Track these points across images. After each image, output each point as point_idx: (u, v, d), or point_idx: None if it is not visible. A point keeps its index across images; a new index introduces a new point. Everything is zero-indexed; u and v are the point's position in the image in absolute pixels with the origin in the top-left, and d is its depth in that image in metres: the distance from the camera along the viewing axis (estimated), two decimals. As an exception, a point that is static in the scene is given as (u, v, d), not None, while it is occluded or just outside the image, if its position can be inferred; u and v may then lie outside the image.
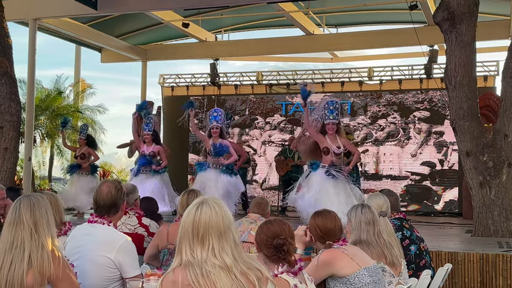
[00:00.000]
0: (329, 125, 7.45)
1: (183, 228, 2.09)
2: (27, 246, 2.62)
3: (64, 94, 16.06)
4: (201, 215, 2.06)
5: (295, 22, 12.52)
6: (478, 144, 7.52)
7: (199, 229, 2.05)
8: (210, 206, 2.09)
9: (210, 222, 2.05)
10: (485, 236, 7.38)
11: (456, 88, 7.57)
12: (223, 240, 2.05)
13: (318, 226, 3.33)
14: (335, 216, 3.40)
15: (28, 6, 11.19)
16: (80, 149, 10.42)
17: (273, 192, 12.75)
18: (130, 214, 4.86)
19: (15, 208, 2.70)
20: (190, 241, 2.05)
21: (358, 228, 3.58)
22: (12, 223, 2.67)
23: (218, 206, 2.11)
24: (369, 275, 3.19)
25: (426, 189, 12.25)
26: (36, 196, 2.79)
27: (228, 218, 2.10)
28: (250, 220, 4.77)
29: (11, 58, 9.34)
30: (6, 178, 9.07)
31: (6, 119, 9.16)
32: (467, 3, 7.53)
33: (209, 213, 2.07)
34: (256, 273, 2.08)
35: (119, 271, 3.16)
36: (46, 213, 2.72)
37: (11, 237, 2.65)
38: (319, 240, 3.35)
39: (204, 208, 2.08)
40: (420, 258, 4.39)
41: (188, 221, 2.07)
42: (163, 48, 15.12)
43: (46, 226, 2.69)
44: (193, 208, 2.10)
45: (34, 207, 2.69)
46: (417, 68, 12.68)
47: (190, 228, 2.06)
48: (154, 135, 9.49)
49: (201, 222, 2.05)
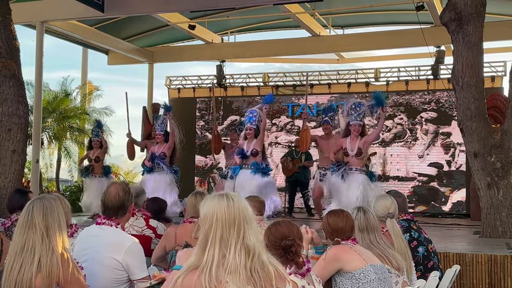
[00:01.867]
0: (353, 126, 7.51)
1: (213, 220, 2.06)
2: (37, 249, 2.63)
3: (71, 96, 16.11)
4: (234, 204, 2.08)
5: (301, 24, 12.52)
6: (486, 145, 7.49)
7: (236, 217, 2.06)
8: (232, 198, 2.11)
9: (242, 210, 2.08)
10: (493, 237, 7.35)
11: (464, 88, 7.55)
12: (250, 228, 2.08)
13: (329, 224, 3.43)
14: (347, 215, 3.47)
15: (36, 9, 11.24)
16: (94, 152, 10.16)
17: (280, 193, 12.72)
18: (137, 216, 4.87)
19: (28, 211, 2.71)
20: (224, 231, 2.03)
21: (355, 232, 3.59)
22: (24, 226, 2.68)
23: (240, 198, 2.14)
24: (374, 272, 3.21)
25: (433, 190, 12.21)
26: (49, 199, 2.79)
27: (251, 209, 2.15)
28: None
29: (19, 61, 9.39)
30: (14, 180, 9.12)
31: (14, 122, 9.19)
32: (474, 3, 7.51)
33: (238, 203, 2.09)
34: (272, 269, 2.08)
35: (126, 273, 3.17)
36: (58, 217, 2.72)
37: (23, 239, 2.66)
38: (329, 236, 3.45)
39: (231, 199, 2.10)
40: (428, 260, 4.37)
41: (220, 212, 2.06)
42: (169, 50, 15.16)
43: (57, 230, 2.70)
44: (219, 200, 2.09)
45: (46, 210, 2.69)
46: (424, 69, 12.64)
47: (223, 219, 2.05)
48: (166, 135, 9.40)
49: (236, 211, 2.07)
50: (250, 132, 8.04)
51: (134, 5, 10.49)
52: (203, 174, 14.15)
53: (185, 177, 14.00)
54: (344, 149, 7.51)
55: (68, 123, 15.48)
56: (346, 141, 7.56)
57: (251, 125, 8.06)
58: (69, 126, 15.51)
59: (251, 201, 4.75)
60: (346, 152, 7.50)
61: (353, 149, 7.46)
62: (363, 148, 7.45)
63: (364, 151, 7.51)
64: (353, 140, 7.51)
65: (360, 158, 7.45)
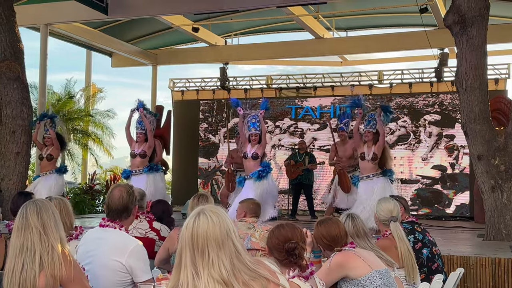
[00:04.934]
0: (365, 133, 7.94)
1: (182, 241, 2.02)
2: (37, 248, 2.63)
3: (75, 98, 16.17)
4: (199, 226, 1.99)
5: (305, 26, 12.53)
6: (490, 147, 7.48)
7: (198, 241, 1.97)
8: (207, 216, 2.01)
9: (208, 233, 1.98)
10: (497, 240, 7.32)
11: (467, 91, 7.54)
12: (222, 251, 1.98)
13: (323, 235, 3.35)
14: (337, 221, 3.43)
15: (40, 11, 11.29)
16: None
17: (283, 196, 12.73)
18: (141, 218, 4.88)
19: (21, 214, 2.71)
20: (191, 254, 1.98)
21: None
22: (20, 228, 2.68)
23: (216, 215, 2.02)
24: (380, 277, 3.18)
25: (437, 193, 12.18)
26: (42, 200, 2.81)
27: (227, 226, 2.02)
28: (247, 225, 4.50)
29: (23, 63, 9.42)
30: (18, 182, 9.14)
31: (18, 124, 9.23)
32: (478, 6, 7.50)
33: (206, 224, 1.99)
34: (262, 282, 2.00)
35: (130, 275, 3.17)
36: (53, 215, 2.72)
37: (20, 241, 2.65)
38: (327, 248, 3.37)
39: (201, 218, 2.01)
40: (432, 262, 4.37)
41: (187, 234, 2.00)
42: (173, 52, 15.19)
43: (54, 228, 2.69)
44: (191, 220, 2.02)
45: (40, 209, 2.70)
46: (427, 72, 12.63)
47: (189, 241, 1.99)
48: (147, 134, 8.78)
49: (200, 234, 1.98)
50: (255, 138, 8.08)
51: (138, 7, 10.52)
52: (206, 176, 14.16)
53: (188, 179, 14.06)
54: (361, 154, 7.89)
55: (72, 125, 15.54)
56: (364, 146, 7.93)
57: (256, 130, 8.11)
58: (72, 128, 15.57)
59: (247, 203, 4.74)
60: (363, 156, 7.83)
61: (369, 153, 7.82)
62: (378, 153, 7.77)
63: (378, 156, 7.80)
64: (368, 145, 7.89)
65: (375, 162, 7.76)
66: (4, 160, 9.20)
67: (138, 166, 8.69)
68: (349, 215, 3.69)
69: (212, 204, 2.63)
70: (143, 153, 8.70)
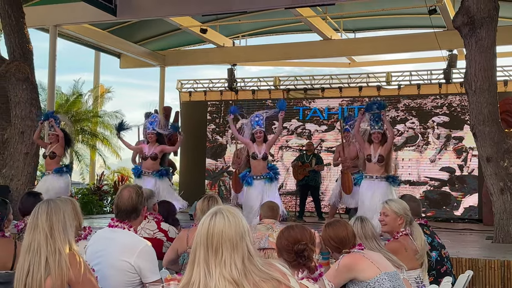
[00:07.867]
0: (374, 134, 7.76)
1: (197, 239, 2.05)
2: (43, 250, 2.64)
3: (83, 99, 16.22)
4: (215, 225, 2.01)
5: (313, 27, 12.52)
6: (499, 149, 7.44)
7: (213, 240, 2.00)
8: (224, 215, 2.03)
9: (224, 233, 2.00)
10: (506, 242, 7.28)
11: (476, 93, 7.51)
12: (235, 251, 1.99)
13: (331, 237, 3.34)
14: (345, 223, 3.42)
15: (49, 12, 11.35)
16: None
17: (290, 197, 12.72)
18: (149, 219, 4.88)
19: (34, 213, 2.73)
20: (204, 252, 2.00)
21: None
22: (30, 228, 2.71)
23: (233, 216, 2.05)
24: (389, 279, 3.17)
25: (445, 195, 12.13)
26: (56, 201, 2.80)
27: (242, 228, 2.04)
28: (266, 226, 4.62)
29: (32, 64, 9.47)
30: (27, 183, 9.18)
31: (27, 124, 9.26)
32: (487, 7, 7.47)
33: (223, 223, 2.01)
34: (273, 284, 2.01)
35: (139, 276, 3.18)
36: (63, 218, 2.72)
37: (28, 241, 2.68)
38: (335, 250, 3.36)
39: (218, 218, 2.03)
40: (441, 265, 4.35)
41: (203, 232, 2.02)
42: (181, 53, 15.23)
43: (62, 231, 2.69)
44: (207, 218, 2.05)
45: (51, 211, 2.70)
46: (436, 73, 12.59)
47: (204, 239, 2.02)
48: (158, 135, 8.78)
49: (215, 233, 2.00)
50: (260, 136, 8.09)
51: (146, 9, 10.54)
52: (214, 177, 14.17)
53: (196, 180, 14.07)
54: (368, 156, 7.76)
55: (80, 126, 15.58)
56: (370, 148, 7.79)
57: (260, 128, 8.13)
58: (80, 129, 15.61)
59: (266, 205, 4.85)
60: (369, 158, 7.72)
61: (375, 155, 7.70)
62: (384, 154, 7.65)
63: (385, 157, 7.70)
64: (375, 147, 7.76)
65: (382, 164, 7.64)
66: (13, 161, 9.24)
67: (149, 168, 8.71)
68: (358, 218, 3.68)
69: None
70: (154, 155, 8.70)
